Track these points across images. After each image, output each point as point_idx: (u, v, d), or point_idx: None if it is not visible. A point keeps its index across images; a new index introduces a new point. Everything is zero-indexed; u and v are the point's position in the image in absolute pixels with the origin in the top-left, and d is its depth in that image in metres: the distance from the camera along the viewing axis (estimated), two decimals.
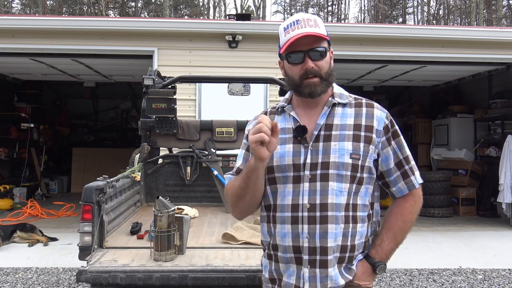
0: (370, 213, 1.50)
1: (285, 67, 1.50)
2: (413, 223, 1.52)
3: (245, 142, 1.58)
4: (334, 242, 1.41)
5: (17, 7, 25.92)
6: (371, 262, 1.48)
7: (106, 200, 2.78)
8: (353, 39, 6.60)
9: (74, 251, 4.16)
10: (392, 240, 1.49)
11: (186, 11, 27.96)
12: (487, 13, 22.99)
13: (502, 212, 7.17)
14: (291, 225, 1.43)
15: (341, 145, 1.43)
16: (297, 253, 1.43)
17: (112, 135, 12.47)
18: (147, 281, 2.26)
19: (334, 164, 1.41)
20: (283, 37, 1.45)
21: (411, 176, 1.51)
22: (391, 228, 1.50)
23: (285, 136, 1.48)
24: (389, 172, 1.51)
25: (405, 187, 1.51)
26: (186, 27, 6.64)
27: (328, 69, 1.45)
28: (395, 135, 1.51)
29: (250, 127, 1.58)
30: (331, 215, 1.40)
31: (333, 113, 1.48)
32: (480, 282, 4.38)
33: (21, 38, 6.44)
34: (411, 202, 1.52)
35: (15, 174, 9.53)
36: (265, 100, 6.65)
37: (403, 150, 1.51)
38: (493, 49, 6.83)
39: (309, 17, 1.44)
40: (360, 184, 1.45)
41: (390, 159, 1.49)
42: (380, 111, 1.50)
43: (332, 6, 30.20)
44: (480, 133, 8.62)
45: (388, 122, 1.50)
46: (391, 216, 1.52)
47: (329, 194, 1.41)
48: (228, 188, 1.56)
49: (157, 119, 4.22)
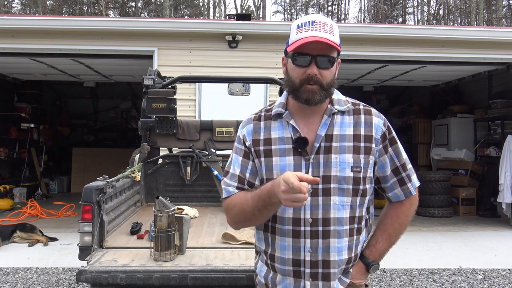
0: (367, 218, 1.49)
1: (288, 66, 1.42)
2: (407, 224, 1.53)
3: (241, 147, 1.51)
4: (338, 256, 1.40)
5: (17, 7, 25.92)
6: (365, 262, 1.48)
7: (106, 200, 2.78)
8: (353, 39, 6.60)
9: (74, 251, 4.15)
10: (387, 241, 1.49)
11: (186, 11, 27.95)
12: (487, 13, 22.99)
13: (502, 212, 7.17)
14: (292, 239, 1.41)
15: (341, 158, 1.39)
16: (296, 266, 1.41)
17: (112, 135, 12.46)
18: (147, 281, 2.26)
19: (336, 178, 1.38)
20: (294, 35, 1.37)
21: (408, 183, 1.49)
22: (386, 229, 1.50)
23: (284, 146, 1.42)
24: (386, 179, 1.49)
25: (402, 193, 1.50)
26: (186, 27, 6.65)
27: (331, 80, 1.38)
28: (392, 142, 1.48)
29: (243, 130, 1.52)
30: (334, 229, 1.39)
31: (333, 122, 1.43)
32: (480, 282, 4.38)
33: (21, 38, 6.44)
34: (407, 205, 1.51)
35: (15, 174, 9.53)
36: (265, 100, 6.65)
37: (400, 157, 1.48)
38: (493, 49, 6.83)
39: (326, 21, 1.36)
40: (364, 196, 1.43)
41: (386, 166, 1.47)
42: (378, 118, 1.47)
43: (332, 6, 30.20)
44: (480, 133, 8.62)
45: (385, 130, 1.47)
46: (387, 218, 1.52)
47: (331, 208, 1.38)
48: (231, 206, 1.46)
49: (157, 119, 4.22)
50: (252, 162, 1.48)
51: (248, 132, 1.51)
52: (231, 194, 1.47)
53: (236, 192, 1.47)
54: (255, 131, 1.49)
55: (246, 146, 1.49)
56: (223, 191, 1.51)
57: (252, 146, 1.48)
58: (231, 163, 1.52)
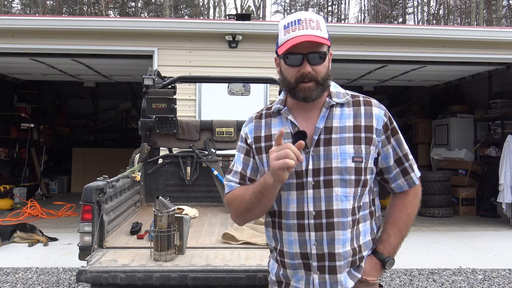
0: (372, 209, 1.49)
1: (281, 66, 1.44)
2: (415, 215, 1.53)
3: (243, 145, 1.54)
4: (343, 247, 1.40)
5: (17, 7, 25.93)
6: (379, 258, 1.47)
7: (106, 200, 2.78)
8: (353, 39, 6.60)
9: (74, 251, 4.15)
10: (398, 234, 1.49)
11: (186, 11, 27.97)
12: (487, 13, 23.00)
13: (502, 212, 7.17)
14: (297, 232, 1.42)
15: (342, 149, 1.39)
16: (305, 260, 1.42)
17: (112, 135, 12.47)
18: (147, 281, 2.26)
19: (337, 169, 1.38)
20: (282, 36, 1.39)
21: (411, 173, 1.51)
22: (396, 222, 1.50)
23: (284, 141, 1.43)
24: (389, 169, 1.50)
25: (405, 184, 1.51)
26: (186, 27, 6.64)
27: (325, 74, 1.40)
28: (394, 132, 1.49)
29: (246, 129, 1.55)
30: (337, 221, 1.39)
31: (332, 114, 1.44)
32: (480, 282, 4.38)
33: (21, 38, 6.43)
34: (412, 194, 1.52)
35: (15, 174, 9.53)
36: (265, 100, 6.65)
37: (402, 147, 1.49)
38: (493, 49, 6.83)
39: (312, 17, 1.38)
40: (365, 186, 1.43)
41: (390, 156, 1.48)
42: (378, 109, 1.47)
43: (332, 6, 30.22)
44: (480, 133, 8.62)
45: (386, 120, 1.47)
46: (394, 210, 1.53)
47: (334, 200, 1.39)
48: (233, 199, 1.50)
49: (157, 119, 4.22)
50: (253, 159, 1.51)
51: (250, 130, 1.54)
52: (232, 189, 1.52)
53: (238, 187, 1.51)
54: (257, 128, 1.53)
55: (248, 144, 1.53)
56: (225, 186, 1.55)
57: (254, 143, 1.51)
58: (234, 161, 1.56)
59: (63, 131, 11.73)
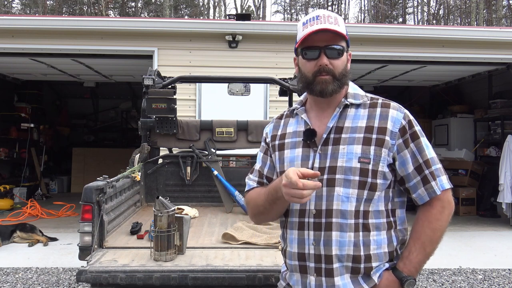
0: (391, 220, 1.40)
1: (299, 63, 1.44)
2: (444, 232, 1.38)
3: (263, 144, 1.60)
4: (340, 250, 1.34)
5: (17, 7, 25.93)
6: (398, 276, 1.34)
7: (106, 200, 2.78)
8: (353, 39, 6.50)
9: (74, 251, 4.15)
10: (421, 251, 1.35)
11: (186, 11, 27.97)
12: (487, 13, 23.00)
13: (502, 212, 7.17)
14: (297, 231, 1.40)
15: (349, 148, 1.36)
16: (302, 261, 1.39)
17: (112, 135, 12.47)
18: (147, 281, 2.26)
19: (341, 169, 1.35)
20: (300, 32, 1.40)
21: (432, 181, 1.37)
22: (418, 237, 1.36)
23: (295, 139, 1.46)
24: (408, 177, 1.39)
25: (425, 193, 1.38)
26: (186, 27, 6.65)
27: (343, 70, 1.39)
28: (414, 136, 1.38)
29: (266, 129, 1.61)
30: (336, 222, 1.34)
31: (345, 114, 1.42)
32: (480, 282, 4.38)
33: (21, 38, 6.44)
34: (439, 208, 1.37)
35: (15, 174, 9.53)
36: (265, 100, 6.65)
37: (423, 153, 1.38)
38: (493, 49, 6.83)
39: (330, 15, 1.39)
40: (373, 190, 1.35)
41: (408, 163, 1.38)
42: (396, 111, 1.39)
43: (332, 6, 30.20)
44: (480, 133, 8.62)
45: (405, 123, 1.38)
46: (417, 224, 1.39)
47: (335, 200, 1.34)
48: (248, 200, 1.56)
49: (157, 119, 4.22)
50: (270, 157, 1.56)
51: (269, 130, 1.60)
52: (250, 188, 1.57)
53: (255, 186, 1.56)
54: (275, 127, 1.58)
55: (266, 143, 1.59)
56: (246, 185, 1.61)
57: (270, 141, 1.56)
58: (256, 160, 1.63)
59: (63, 131, 11.73)
